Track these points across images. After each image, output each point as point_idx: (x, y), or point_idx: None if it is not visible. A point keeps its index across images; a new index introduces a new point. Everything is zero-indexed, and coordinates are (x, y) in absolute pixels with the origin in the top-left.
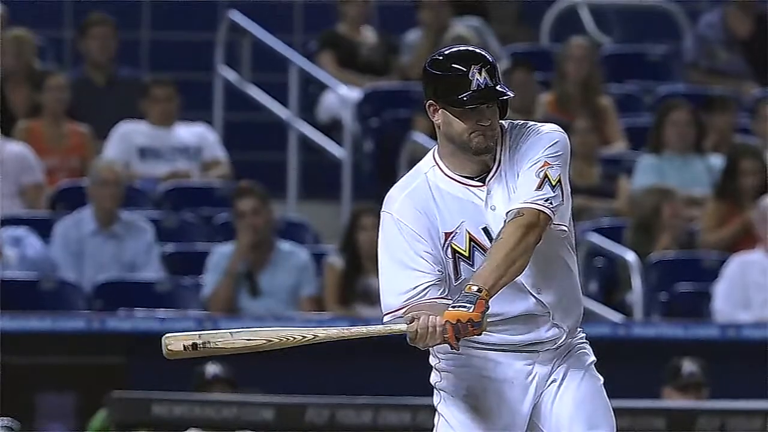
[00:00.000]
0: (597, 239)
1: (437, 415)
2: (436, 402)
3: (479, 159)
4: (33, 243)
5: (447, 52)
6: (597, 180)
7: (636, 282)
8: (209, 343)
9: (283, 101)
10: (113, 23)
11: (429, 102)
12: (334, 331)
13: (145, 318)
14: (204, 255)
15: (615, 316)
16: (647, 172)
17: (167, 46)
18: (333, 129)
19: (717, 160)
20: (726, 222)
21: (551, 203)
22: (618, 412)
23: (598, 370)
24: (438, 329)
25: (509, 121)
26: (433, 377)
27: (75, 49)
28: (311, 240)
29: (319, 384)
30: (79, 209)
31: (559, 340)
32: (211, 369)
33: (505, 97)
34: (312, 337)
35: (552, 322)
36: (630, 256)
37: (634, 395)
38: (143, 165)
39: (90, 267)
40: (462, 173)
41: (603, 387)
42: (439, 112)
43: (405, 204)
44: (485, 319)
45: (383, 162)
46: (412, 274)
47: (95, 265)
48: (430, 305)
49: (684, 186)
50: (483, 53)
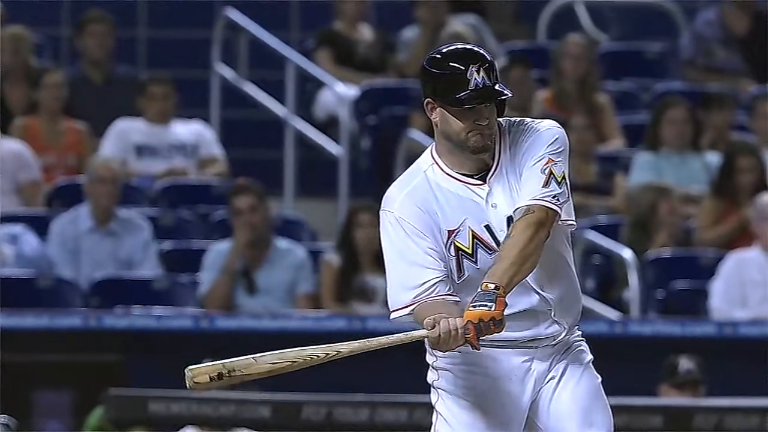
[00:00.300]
0: (594, 237)
1: (435, 414)
2: (433, 400)
3: (477, 157)
4: (30, 240)
5: (445, 50)
6: (594, 177)
7: (633, 279)
8: (234, 371)
9: (280, 99)
10: (110, 21)
11: (427, 100)
12: (356, 345)
13: (142, 315)
14: (201, 252)
15: (612, 313)
16: (644, 169)
17: (164, 43)
18: (330, 126)
19: (714, 157)
20: (723, 219)
21: (558, 200)
22: (615, 409)
23: (595, 367)
24: (460, 331)
25: (506, 119)
26: (431, 376)
27: (72, 47)
28: (308, 237)
29: (316, 382)
30: (76, 207)
31: (559, 336)
32: None
33: (504, 97)
34: (335, 354)
35: (552, 318)
36: (627, 253)
37: (630, 393)
38: (140, 162)
39: (87, 264)
40: (461, 171)
41: (601, 385)
42: (437, 110)
43: (406, 202)
44: (504, 317)
45: (380, 159)
46: (419, 270)
47: (92, 263)
48: (439, 303)
49: (681, 183)
50: (481, 52)
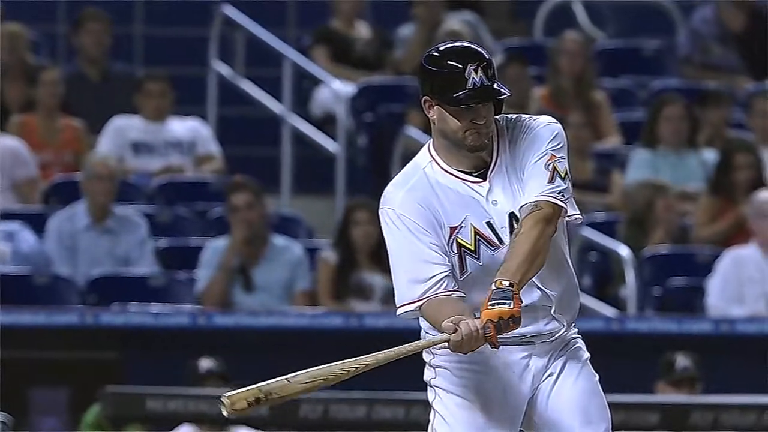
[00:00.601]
0: (591, 234)
1: (433, 413)
2: (431, 399)
3: (475, 155)
4: (27, 238)
5: (443, 48)
6: (591, 174)
7: (629, 276)
8: (271, 395)
9: (277, 96)
10: (107, 18)
11: (425, 98)
12: (381, 356)
13: (139, 313)
14: (198, 250)
15: (608, 310)
16: (641, 166)
17: (161, 41)
18: (327, 124)
19: (711, 154)
20: (720, 217)
21: (563, 195)
22: (611, 407)
23: (591, 364)
24: (481, 331)
25: (503, 115)
26: (427, 374)
27: (69, 44)
28: (305, 235)
29: None
30: (73, 204)
31: (557, 333)
32: (205, 364)
33: (502, 97)
34: (363, 367)
35: (552, 315)
36: (623, 250)
37: (627, 390)
38: (137, 160)
39: (84, 261)
40: (459, 168)
41: (599, 383)
42: (435, 108)
43: (407, 199)
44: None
45: (377, 157)
46: (425, 266)
47: (89, 260)
48: (447, 299)
49: (678, 181)
50: (479, 50)
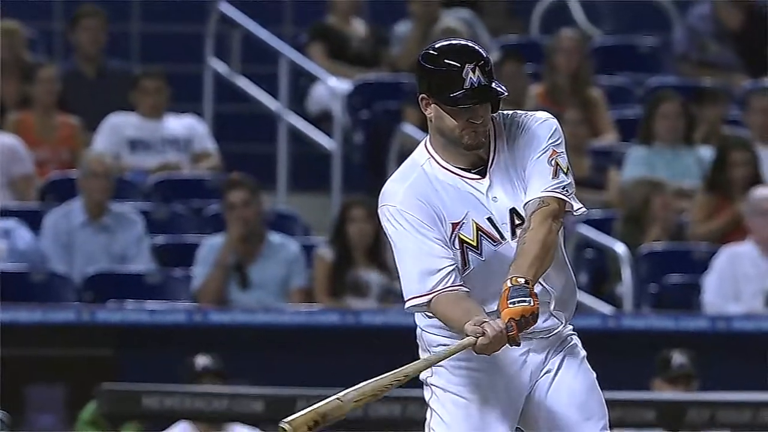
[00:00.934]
0: (587, 231)
1: (429, 411)
2: (427, 397)
3: (472, 153)
4: (23, 235)
5: (441, 46)
6: (587, 172)
7: (626, 274)
8: (327, 416)
9: (273, 93)
10: (103, 15)
11: (422, 96)
12: (421, 364)
13: (136, 310)
14: (194, 247)
15: (605, 307)
16: (637, 163)
17: (157, 38)
18: (323, 121)
19: (707, 152)
20: (716, 214)
21: (567, 190)
22: (608, 404)
23: (588, 361)
24: (504, 331)
25: (499, 112)
26: (424, 373)
27: (65, 41)
28: (301, 232)
29: (309, 376)
30: (69, 201)
31: (555, 329)
32: (201, 361)
33: (499, 96)
34: (404, 378)
35: (550, 311)
36: (620, 247)
37: (623, 387)
38: (133, 157)
39: (80, 259)
40: (457, 165)
41: (596, 380)
42: (432, 106)
43: (407, 195)
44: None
45: (373, 154)
46: (432, 259)
47: (85, 257)
48: (456, 295)
49: (674, 178)
50: (477, 49)
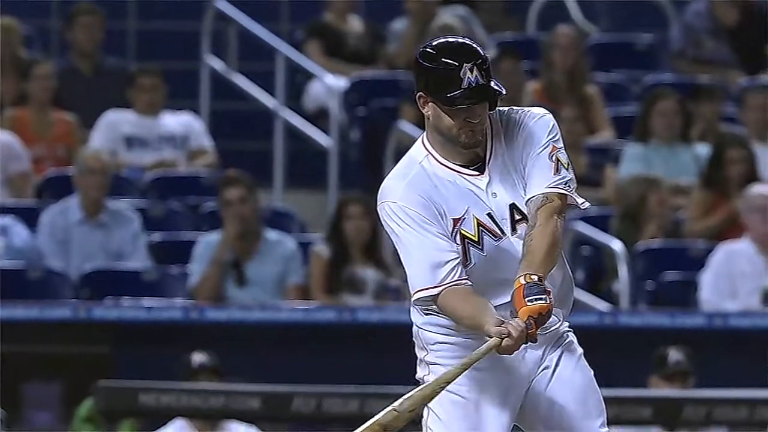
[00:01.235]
0: (583, 228)
1: (426, 410)
2: None
3: (469, 150)
4: (19, 232)
5: (438, 44)
6: (583, 169)
7: (622, 271)
8: (388, 427)
9: (270, 90)
10: (100, 12)
11: (419, 94)
12: (457, 369)
13: (132, 307)
14: (190, 244)
15: (601, 305)
16: (634, 161)
17: (154, 35)
18: (319, 118)
19: (703, 149)
20: (712, 211)
21: (569, 186)
22: (604, 401)
23: (584, 358)
24: (525, 330)
25: (495, 109)
26: (421, 371)
27: (62, 38)
28: (298, 229)
29: (306, 373)
30: (66, 198)
31: (552, 326)
32: (198, 358)
33: (496, 97)
34: (445, 383)
35: None
36: (616, 245)
37: (620, 384)
38: (130, 154)
39: (76, 256)
40: (455, 162)
41: (594, 378)
42: (429, 104)
43: (408, 191)
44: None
45: (370, 151)
46: (438, 252)
47: (82, 254)
48: (466, 291)
49: (670, 175)
50: (475, 48)
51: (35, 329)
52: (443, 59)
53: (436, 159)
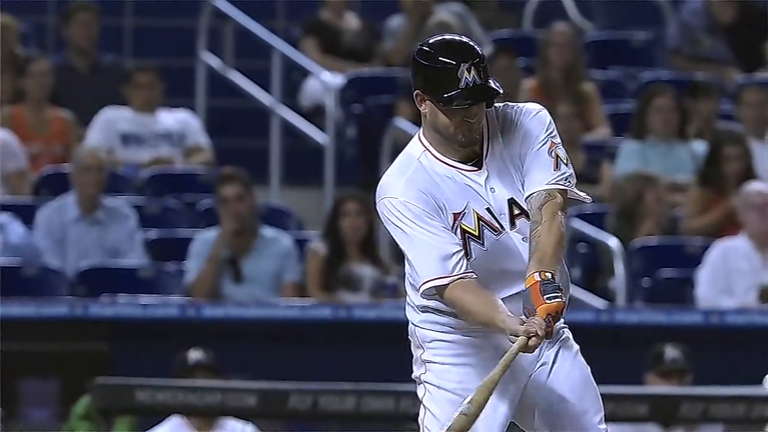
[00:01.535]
0: (580, 225)
1: (423, 409)
2: (420, 395)
3: (465, 149)
4: (16, 229)
5: (436, 43)
6: (580, 166)
7: (619, 268)
8: (464, 429)
9: (266, 87)
10: (96, 9)
11: (416, 92)
12: (499, 369)
13: (128, 304)
14: (187, 241)
15: (598, 302)
16: (630, 158)
17: (150, 32)
18: (316, 115)
19: (700, 146)
20: (709, 208)
21: (570, 181)
22: (601, 397)
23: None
24: (546, 327)
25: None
26: (417, 370)
27: (58, 35)
28: (294, 226)
29: (302, 370)
30: (62, 195)
31: None
32: (194, 355)
33: (494, 96)
34: (493, 387)
35: None
36: (613, 242)
37: (616, 381)
38: (126, 151)
39: (73, 253)
40: (452, 158)
41: (591, 374)
42: (427, 102)
43: (408, 187)
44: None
45: (366, 148)
46: (444, 245)
47: (78, 252)
48: (475, 285)
49: (667, 172)
50: (472, 47)
51: (32, 326)
52: (440, 58)
53: (433, 155)
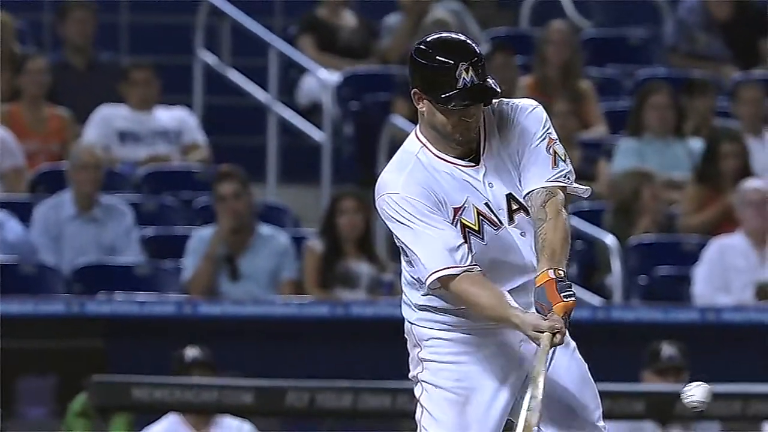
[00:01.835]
0: (576, 222)
1: (420, 409)
2: (417, 394)
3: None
4: (13, 226)
5: (434, 41)
6: (577, 164)
7: (615, 265)
8: (531, 427)
9: (263, 85)
10: (93, 7)
11: (414, 90)
12: (540, 366)
13: (125, 302)
14: (184, 238)
15: (594, 299)
16: (627, 155)
17: (147, 29)
18: (313, 112)
19: (697, 143)
20: (706, 205)
21: (568, 178)
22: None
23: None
24: (563, 326)
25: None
26: (414, 369)
27: (55, 33)
28: (291, 224)
29: (299, 367)
30: (59, 193)
31: None
32: (191, 353)
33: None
34: (541, 377)
35: None
36: (609, 239)
37: (613, 379)
38: (123, 149)
39: (69, 250)
40: (450, 154)
41: (588, 371)
42: (424, 101)
43: (408, 183)
44: None
45: (363, 145)
46: (448, 238)
47: (75, 249)
48: (481, 279)
49: (664, 169)
50: (470, 46)
51: (28, 324)
52: (438, 57)
53: (431, 152)
